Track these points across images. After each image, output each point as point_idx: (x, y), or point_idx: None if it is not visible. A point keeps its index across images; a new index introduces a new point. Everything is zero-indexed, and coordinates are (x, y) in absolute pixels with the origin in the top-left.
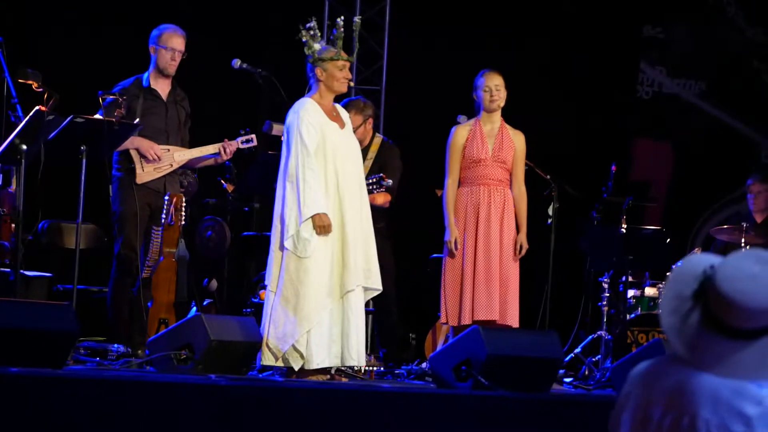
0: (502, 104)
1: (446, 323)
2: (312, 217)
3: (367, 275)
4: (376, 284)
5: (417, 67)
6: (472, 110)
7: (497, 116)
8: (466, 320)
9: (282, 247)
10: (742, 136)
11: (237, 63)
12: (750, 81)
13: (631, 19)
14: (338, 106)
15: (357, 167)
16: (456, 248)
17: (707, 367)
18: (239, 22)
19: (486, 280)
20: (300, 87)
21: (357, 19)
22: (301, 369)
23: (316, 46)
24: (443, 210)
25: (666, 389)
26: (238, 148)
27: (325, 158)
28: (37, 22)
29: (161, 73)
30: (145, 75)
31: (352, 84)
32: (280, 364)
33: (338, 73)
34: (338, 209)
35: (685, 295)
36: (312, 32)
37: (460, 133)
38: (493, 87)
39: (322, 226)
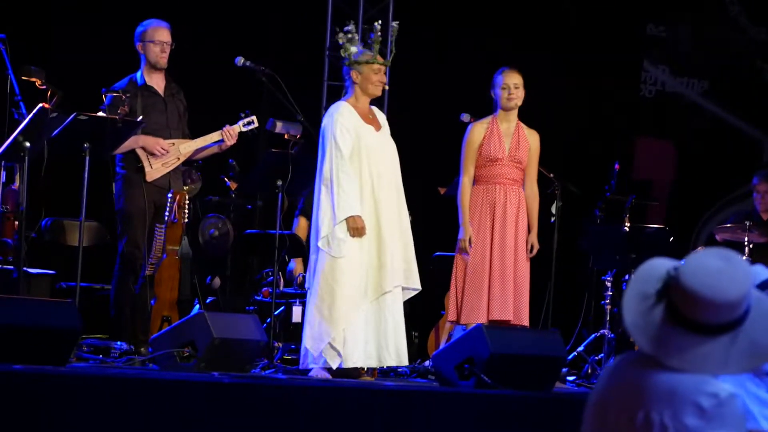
0: (520, 103)
1: (455, 322)
2: (346, 219)
3: (407, 275)
4: (415, 284)
5: (420, 65)
6: (475, 108)
7: (514, 115)
8: (482, 319)
9: (317, 248)
10: (745, 135)
11: (240, 61)
12: (753, 80)
13: (635, 18)
14: (375, 109)
15: (393, 168)
16: (470, 246)
17: (672, 361)
18: (242, 20)
19: (501, 280)
20: (302, 84)
21: (395, 24)
22: (340, 368)
23: (353, 49)
24: (457, 208)
25: (623, 389)
26: (240, 132)
27: (360, 161)
28: (41, 19)
29: (154, 67)
30: (138, 74)
31: (386, 88)
32: (319, 364)
33: (373, 76)
34: (374, 211)
35: (648, 293)
36: (349, 35)
37: (477, 130)
38: (512, 85)
39: (355, 228)
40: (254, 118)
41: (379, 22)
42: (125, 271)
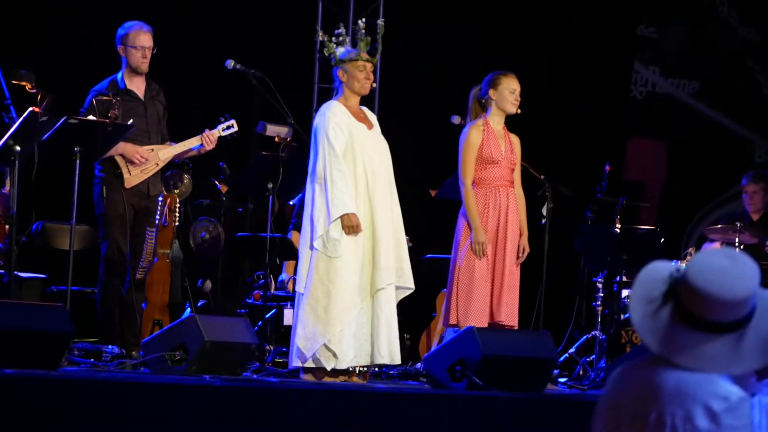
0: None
1: (455, 325)
2: (341, 217)
3: (399, 274)
4: (408, 283)
5: (411, 66)
6: (466, 110)
7: (503, 118)
8: (486, 322)
9: (311, 248)
10: (736, 136)
11: (230, 63)
12: (743, 80)
13: (625, 19)
14: (365, 108)
15: (386, 167)
16: (484, 253)
17: (682, 360)
18: (232, 23)
19: (509, 283)
20: (293, 87)
21: (380, 21)
22: (333, 369)
23: (339, 49)
24: (463, 211)
25: (634, 389)
26: (220, 136)
27: (354, 159)
28: (31, 22)
29: (134, 72)
30: (119, 75)
31: (374, 85)
32: (310, 364)
33: (359, 74)
34: (368, 209)
35: (653, 296)
36: (340, 38)
37: (475, 133)
38: (517, 90)
39: (350, 226)
40: (234, 122)
41: (363, 19)
42: (109, 275)
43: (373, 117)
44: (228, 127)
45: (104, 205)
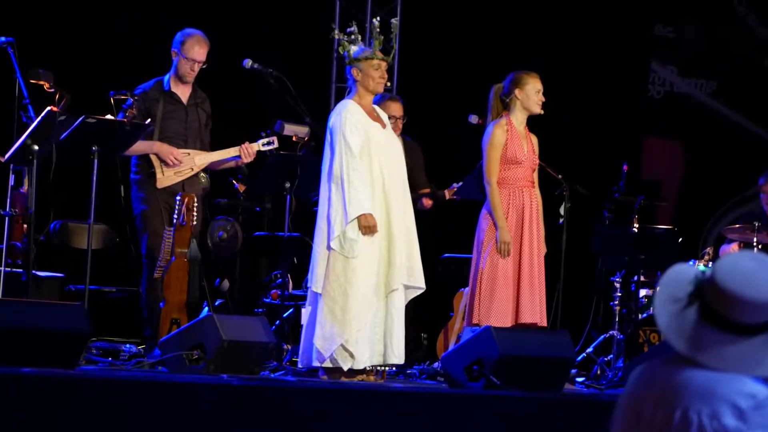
0: None
1: (477, 324)
2: (357, 217)
3: (409, 273)
4: (419, 282)
5: (428, 66)
6: (483, 110)
7: (526, 118)
8: (509, 322)
9: (328, 248)
10: (754, 135)
11: (248, 63)
12: (761, 80)
13: (642, 19)
14: (376, 107)
15: (400, 166)
16: (509, 252)
17: (708, 361)
18: (250, 22)
19: (530, 284)
20: (310, 86)
21: (394, 21)
22: (350, 369)
23: (353, 48)
24: (485, 211)
25: (658, 386)
26: (258, 151)
27: (371, 158)
28: (48, 22)
29: (180, 79)
30: (167, 77)
31: (388, 84)
32: (327, 365)
33: (373, 72)
34: (384, 208)
35: (679, 297)
36: (353, 36)
37: (499, 132)
38: (542, 90)
39: (367, 227)
40: (275, 139)
41: (378, 18)
42: (152, 271)
43: (385, 116)
44: (268, 143)
45: (141, 204)
